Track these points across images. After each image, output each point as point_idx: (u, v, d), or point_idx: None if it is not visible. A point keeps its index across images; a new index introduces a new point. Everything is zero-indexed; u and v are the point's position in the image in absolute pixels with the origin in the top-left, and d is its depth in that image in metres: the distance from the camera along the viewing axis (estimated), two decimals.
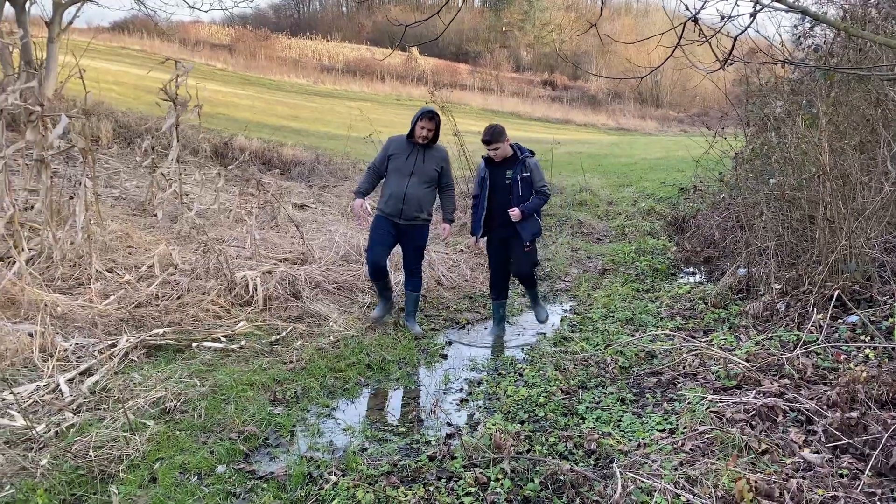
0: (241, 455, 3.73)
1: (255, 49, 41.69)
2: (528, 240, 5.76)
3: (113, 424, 3.87)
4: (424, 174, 5.65)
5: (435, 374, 5.10)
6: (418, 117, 5.59)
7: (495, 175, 5.75)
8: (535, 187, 5.73)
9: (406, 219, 5.66)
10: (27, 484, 3.29)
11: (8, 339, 4.60)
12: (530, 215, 5.72)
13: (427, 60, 45.15)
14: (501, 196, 5.72)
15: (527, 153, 5.77)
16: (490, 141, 5.65)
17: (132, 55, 31.56)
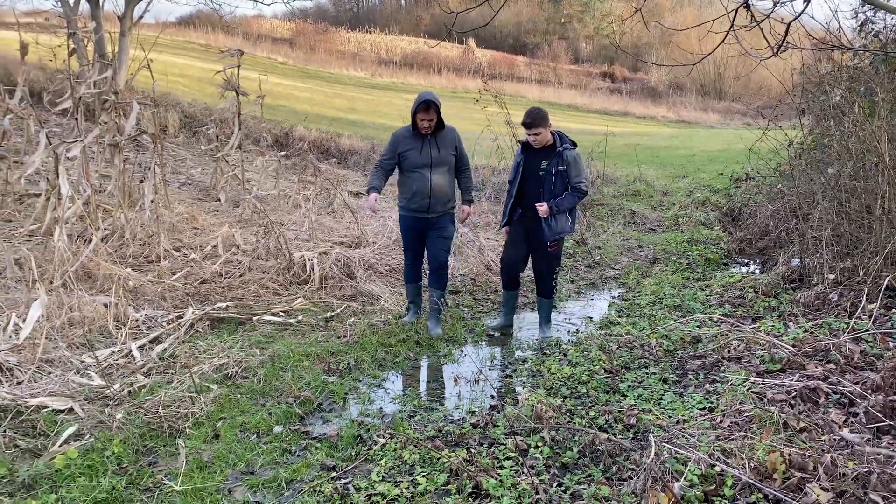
0: (297, 417, 3.98)
1: (315, 43, 42.40)
2: (552, 238, 5.29)
3: (180, 386, 4.17)
4: (443, 162, 5.33)
5: (481, 351, 5.27)
6: (415, 110, 5.16)
7: (530, 162, 5.32)
8: (571, 182, 5.22)
9: (434, 213, 5.38)
10: (105, 435, 3.61)
11: (86, 309, 4.97)
12: (560, 212, 5.25)
13: (484, 53, 45.13)
14: (533, 186, 5.30)
15: (567, 144, 5.27)
16: (531, 124, 5.17)
17: (197, 49, 32.57)
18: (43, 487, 3.17)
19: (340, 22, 51.44)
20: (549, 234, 5.27)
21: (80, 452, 3.40)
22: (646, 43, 44.16)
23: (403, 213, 5.46)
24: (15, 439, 3.54)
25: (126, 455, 3.46)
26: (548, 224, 5.25)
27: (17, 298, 5.09)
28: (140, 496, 3.18)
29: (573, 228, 5.44)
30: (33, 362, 4.23)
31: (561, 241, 5.42)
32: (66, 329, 4.77)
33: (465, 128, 16.78)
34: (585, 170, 5.34)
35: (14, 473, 3.26)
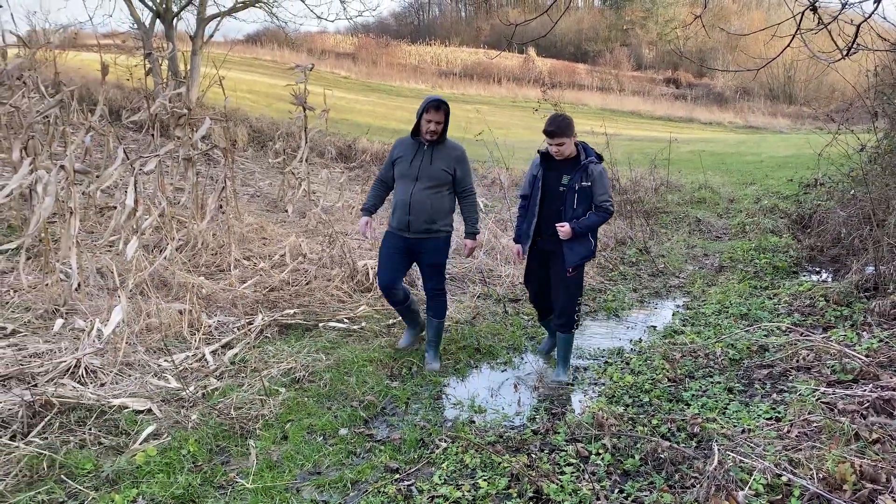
0: (362, 421, 4.09)
1: (377, 57, 43.17)
2: (572, 264, 4.65)
3: (250, 389, 4.34)
4: (432, 177, 4.68)
5: (541, 359, 5.28)
6: (423, 108, 4.61)
7: (550, 177, 4.68)
8: (596, 201, 4.58)
9: (415, 232, 4.74)
10: (181, 434, 3.79)
11: (162, 315, 5.22)
12: (583, 235, 4.62)
13: (545, 62, 45.05)
14: (552, 204, 4.67)
15: (593, 157, 4.64)
16: (554, 132, 4.54)
17: (264, 65, 33.61)
18: (125, 482, 3.35)
19: (402, 35, 52.22)
20: (571, 258, 4.63)
21: (158, 450, 3.58)
22: (711, 48, 43.21)
23: (387, 230, 4.93)
24: (99, 437, 3.75)
25: (201, 454, 3.63)
26: (569, 248, 4.61)
27: (99, 305, 5.38)
28: (214, 493, 3.33)
29: (594, 253, 4.85)
30: (115, 365, 4.48)
31: (582, 266, 4.79)
32: (144, 334, 5.02)
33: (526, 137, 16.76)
34: (610, 187, 4.72)
35: (99, 469, 3.46)
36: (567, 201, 4.59)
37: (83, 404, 3.95)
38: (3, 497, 3.23)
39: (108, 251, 6.72)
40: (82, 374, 4.34)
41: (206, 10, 15.52)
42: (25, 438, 3.64)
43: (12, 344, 4.80)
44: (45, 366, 4.39)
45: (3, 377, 4.22)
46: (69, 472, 3.42)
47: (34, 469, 3.42)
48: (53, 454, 3.49)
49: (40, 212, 5.35)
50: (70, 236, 5.40)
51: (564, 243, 4.61)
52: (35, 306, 5.37)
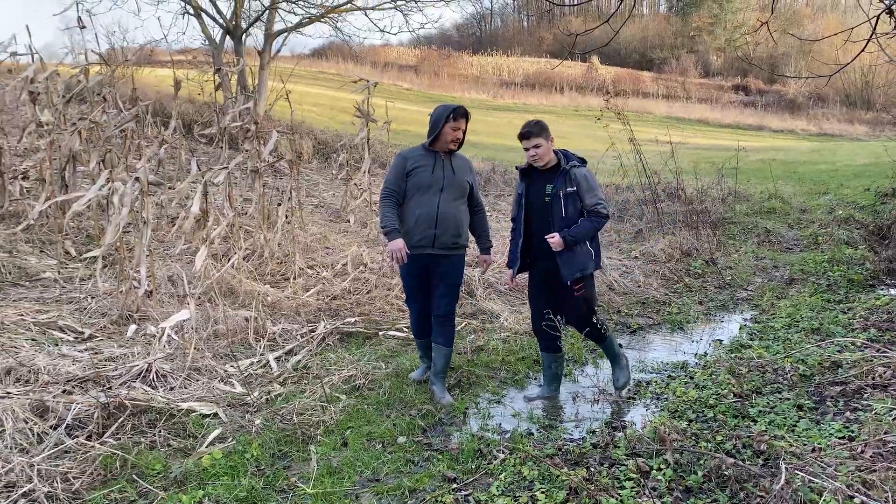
0: (420, 429, 4.11)
1: (439, 68, 43.55)
2: (571, 278, 4.30)
3: (312, 396, 4.43)
4: (457, 188, 4.46)
5: (602, 372, 5.20)
6: (449, 116, 4.39)
7: (533, 190, 4.42)
8: (586, 206, 4.31)
9: (441, 247, 4.41)
10: (245, 438, 3.89)
11: (230, 322, 5.38)
12: (577, 243, 4.29)
13: (608, 70, 44.55)
14: (540, 218, 4.37)
15: (574, 161, 4.38)
16: (528, 133, 4.29)
17: (329, 78, 34.33)
18: (192, 484, 3.46)
19: (463, 47, 52.52)
20: (568, 271, 4.28)
21: (223, 454, 3.69)
22: (783, 53, 41.91)
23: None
24: (168, 439, 3.89)
25: (264, 458, 3.72)
26: (564, 260, 4.28)
27: (170, 312, 5.59)
28: (276, 497, 3.40)
29: (598, 264, 4.48)
30: (184, 370, 4.64)
31: (588, 280, 4.43)
32: (212, 340, 5.19)
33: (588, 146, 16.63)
34: (600, 190, 4.42)
35: (167, 470, 3.58)
36: (554, 210, 4.31)
37: (154, 407, 4.10)
38: (79, 494, 3.38)
39: (179, 260, 6.98)
40: (153, 377, 4.51)
41: (273, 27, 15.99)
42: (100, 438, 3.81)
43: (89, 348, 5.04)
44: (118, 369, 4.59)
45: (81, 380, 4.43)
46: (140, 471, 3.56)
47: (108, 468, 3.57)
48: (126, 454, 3.64)
49: (116, 222, 5.60)
50: (143, 245, 5.63)
51: (559, 256, 4.28)
52: (110, 312, 5.62)
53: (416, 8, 16.32)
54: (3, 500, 3.26)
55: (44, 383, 4.33)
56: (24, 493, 3.30)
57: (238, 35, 15.67)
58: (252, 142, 7.70)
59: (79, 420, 3.92)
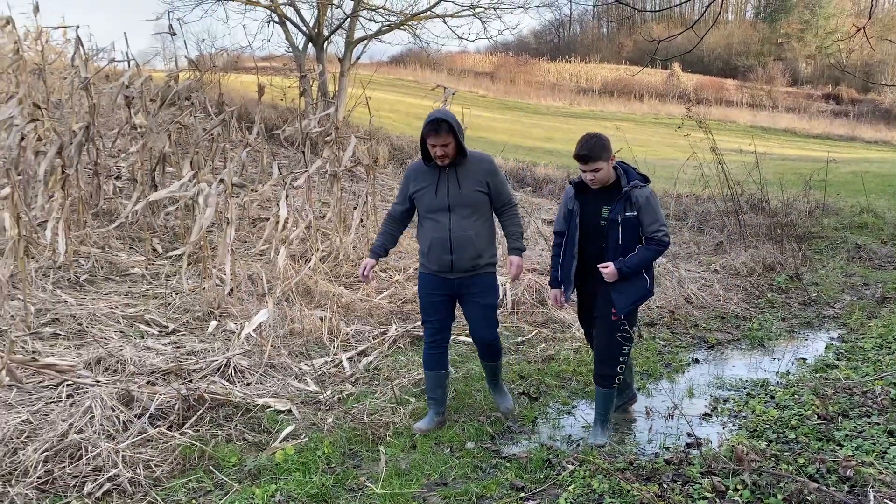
0: (488, 436, 4.10)
1: (515, 75, 43.43)
2: (627, 310, 3.92)
3: (382, 397, 4.49)
4: (467, 203, 3.97)
5: (677, 387, 5.05)
6: (424, 135, 3.93)
7: (587, 210, 3.96)
8: (645, 232, 3.88)
9: (461, 271, 4.02)
10: (316, 436, 3.98)
11: (306, 321, 5.51)
12: (633, 274, 3.90)
13: (690, 77, 43.41)
14: (593, 242, 3.96)
15: (636, 181, 3.91)
16: (586, 157, 3.81)
17: (406, 85, 34.77)
18: (265, 478, 3.56)
19: (541, 53, 52.27)
20: (622, 304, 3.90)
21: (296, 450, 3.77)
22: (879, 60, 39.86)
23: (423, 271, 4.20)
24: (244, 433, 4.01)
25: (334, 456, 3.78)
26: (618, 291, 3.89)
27: (249, 309, 5.77)
28: (345, 495, 3.46)
29: (651, 291, 4.06)
30: (260, 366, 4.78)
31: (634, 310, 4.06)
32: (287, 338, 5.33)
33: (668, 154, 16.23)
34: (662, 213, 3.97)
35: (242, 463, 3.70)
36: (610, 236, 3.88)
37: (231, 401, 4.24)
38: (160, 482, 3.53)
39: (259, 259, 7.20)
40: (231, 373, 4.66)
41: (354, 34, 16.33)
42: (181, 429, 3.96)
43: (172, 342, 5.26)
44: (199, 363, 4.76)
45: (164, 372, 4.63)
46: (216, 463, 3.68)
47: (187, 458, 3.71)
48: (203, 446, 3.78)
49: (201, 221, 5.82)
50: (226, 245, 5.84)
51: (611, 286, 3.89)
52: (193, 308, 5.86)
53: (495, 15, 16.36)
54: (91, 482, 3.43)
55: (130, 374, 4.54)
56: (109, 477, 3.46)
57: (320, 42, 16.09)
58: (331, 147, 7.87)
59: (161, 410, 4.10)
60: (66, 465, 3.53)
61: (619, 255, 3.85)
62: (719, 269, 8.03)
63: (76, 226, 7.03)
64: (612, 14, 57.98)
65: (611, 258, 3.87)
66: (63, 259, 6.18)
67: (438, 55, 43.44)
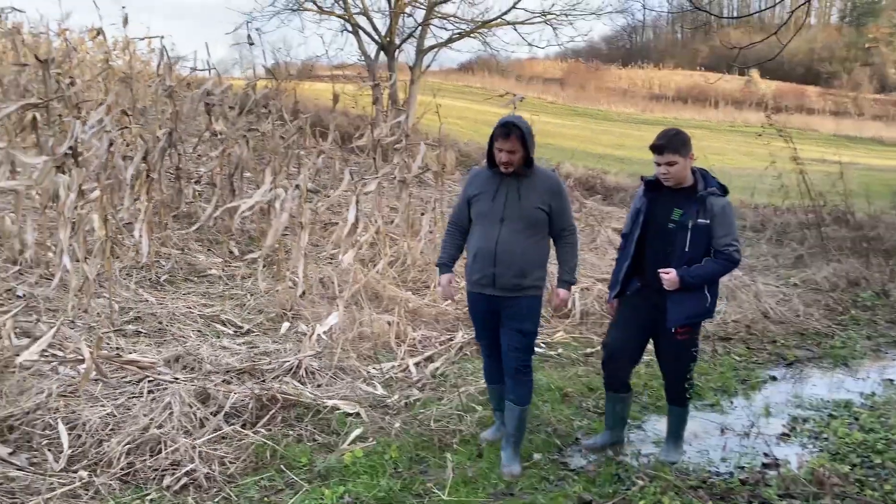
0: (555, 448, 4.06)
1: (585, 81, 42.93)
2: (678, 323, 3.66)
3: (449, 404, 4.50)
4: (523, 217, 3.68)
5: (753, 405, 4.88)
6: (492, 136, 3.72)
7: (657, 210, 3.73)
8: (716, 244, 3.60)
9: (502, 288, 3.71)
10: (384, 440, 4.02)
11: (374, 325, 5.58)
12: (696, 286, 3.62)
13: (769, 84, 41.99)
14: (657, 244, 3.70)
15: (714, 187, 3.67)
16: (663, 147, 3.58)
17: (474, 92, 34.81)
18: (334, 479, 3.61)
19: (612, 59, 51.50)
20: (676, 316, 3.64)
21: (364, 453, 3.82)
22: None
23: (468, 288, 3.94)
24: (314, 434, 4.09)
25: (401, 461, 3.81)
26: (675, 301, 3.62)
27: (320, 312, 5.88)
28: (412, 500, 3.48)
29: (712, 312, 3.79)
30: (330, 368, 4.86)
31: (696, 327, 3.82)
32: (356, 342, 5.40)
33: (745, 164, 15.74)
34: (736, 228, 3.72)
35: (312, 463, 3.77)
36: (677, 241, 3.61)
37: (302, 402, 4.33)
38: (233, 478, 3.63)
39: (329, 263, 7.33)
40: (302, 374, 4.76)
41: (424, 42, 16.49)
42: (254, 428, 4.07)
43: (247, 342, 5.41)
44: (272, 363, 4.88)
45: (238, 371, 4.76)
46: (287, 463, 3.76)
47: (259, 456, 3.81)
48: (275, 445, 3.87)
49: (277, 225, 5.98)
50: (300, 248, 5.98)
51: (669, 295, 3.62)
52: (267, 309, 6.01)
53: (567, 21, 16.22)
54: (170, 476, 3.57)
55: (206, 372, 4.69)
56: (187, 471, 3.59)
57: (391, 51, 16.29)
58: (401, 154, 7.96)
59: (235, 409, 4.21)
60: (147, 458, 3.67)
61: (682, 264, 3.59)
62: (799, 283, 7.72)
63: (158, 228, 7.33)
64: (688, 19, 56.72)
65: (674, 265, 3.60)
66: (146, 259, 6.45)
67: (507, 62, 43.43)
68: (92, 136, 6.64)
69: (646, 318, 3.80)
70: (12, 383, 4.18)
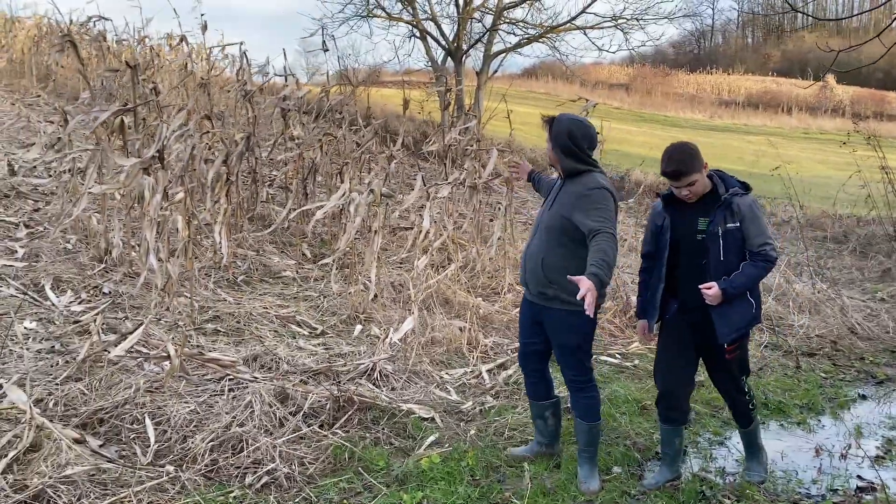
0: (635, 462, 3.96)
1: (652, 86, 42.17)
2: (730, 337, 3.44)
3: (524, 413, 4.44)
4: (550, 224, 3.54)
5: (843, 424, 4.65)
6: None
7: (681, 224, 3.50)
8: (750, 246, 3.40)
9: (533, 295, 3.64)
10: (460, 447, 3.99)
11: (446, 330, 5.57)
12: (738, 295, 3.41)
13: (845, 90, 40.39)
14: (690, 258, 3.48)
15: (736, 187, 3.47)
16: (679, 173, 3.37)
17: (537, 98, 34.63)
18: (411, 483, 3.61)
19: (680, 64, 50.49)
20: (726, 331, 3.41)
21: (441, 458, 3.80)
22: None
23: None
24: (390, 437, 4.10)
25: (478, 469, 3.78)
26: (721, 315, 3.39)
27: (391, 315, 5.91)
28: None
29: (758, 317, 3.58)
30: (405, 372, 4.88)
31: (743, 339, 3.62)
32: (429, 346, 5.40)
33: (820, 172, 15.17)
34: (767, 224, 3.51)
35: (389, 467, 3.77)
36: (711, 253, 3.39)
37: (378, 405, 4.35)
38: (313, 479, 3.67)
39: (399, 267, 7.38)
40: (377, 377, 4.79)
41: (492, 47, 16.48)
42: (331, 429, 4.10)
43: (321, 343, 5.48)
44: (346, 366, 4.93)
45: (314, 372, 4.82)
46: (365, 465, 3.78)
47: (337, 458, 3.83)
48: (353, 447, 3.89)
49: (351, 229, 6.05)
50: (373, 252, 6.03)
51: (713, 311, 3.40)
52: (339, 311, 6.08)
53: (638, 26, 15.95)
54: (251, 474, 3.63)
55: (283, 372, 4.77)
56: (268, 470, 3.64)
57: (458, 56, 16.35)
58: (472, 159, 7.95)
59: (313, 409, 4.26)
60: (230, 455, 3.74)
61: (721, 275, 3.36)
62: (887, 297, 7.36)
63: (234, 230, 7.51)
64: (759, 23, 55.12)
65: (712, 278, 3.37)
66: (225, 260, 6.61)
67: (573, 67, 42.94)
68: (174, 140, 6.85)
69: (690, 339, 3.60)
70: (101, 378, 4.34)
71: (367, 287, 6.27)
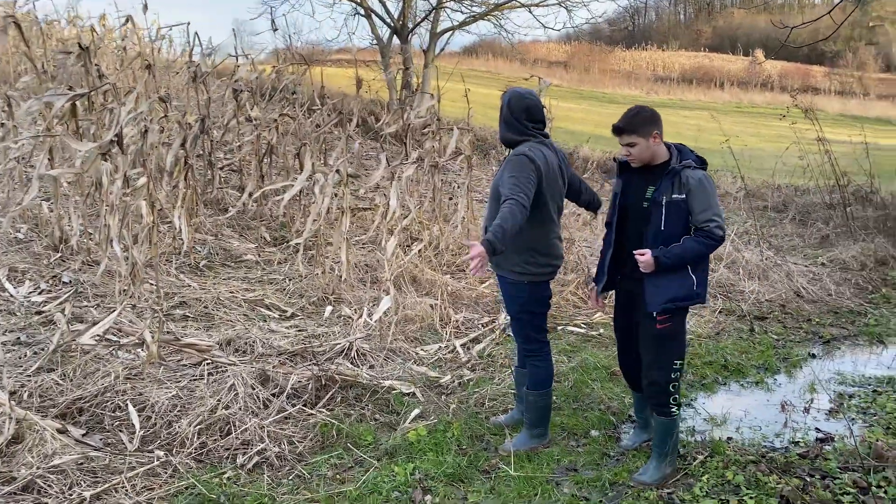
0: (611, 424, 4.15)
1: (589, 63, 42.72)
2: (655, 307, 3.33)
3: (502, 383, 4.59)
4: (491, 193, 3.71)
5: (796, 382, 4.97)
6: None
7: (631, 190, 3.48)
8: (695, 220, 3.30)
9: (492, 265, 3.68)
10: (444, 418, 4.10)
11: (418, 308, 5.66)
12: (675, 267, 3.29)
13: (773, 64, 41.82)
14: (635, 225, 3.44)
15: (690, 159, 3.39)
16: (621, 129, 3.37)
17: (479, 76, 34.68)
18: (401, 456, 3.71)
19: (615, 41, 51.21)
20: (657, 300, 3.32)
21: (427, 431, 3.91)
22: None
23: None
24: (375, 413, 4.18)
25: (463, 438, 3.90)
26: (653, 284, 3.32)
27: (361, 296, 5.95)
28: (479, 476, 3.57)
29: (701, 295, 3.41)
30: (382, 350, 4.95)
31: (677, 314, 3.43)
32: (402, 324, 5.48)
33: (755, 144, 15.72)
34: (718, 203, 3.39)
35: (377, 441, 3.86)
36: (652, 221, 3.33)
37: (359, 383, 4.41)
38: (303, 457, 3.73)
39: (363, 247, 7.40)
40: (354, 355, 4.85)
41: (438, 25, 16.43)
42: (315, 408, 4.16)
43: (293, 325, 5.49)
44: (323, 346, 4.97)
45: (291, 353, 4.85)
46: (353, 441, 3.86)
47: (325, 435, 3.90)
48: (340, 424, 3.96)
49: (317, 211, 6.04)
50: (342, 233, 6.04)
51: (646, 279, 3.32)
52: (307, 293, 6.08)
53: (582, 3, 16.15)
54: (242, 455, 3.66)
55: (260, 355, 4.78)
56: (258, 451, 3.68)
57: (405, 35, 16.25)
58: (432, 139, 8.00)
59: (295, 390, 4.30)
60: (218, 437, 3.77)
61: (659, 244, 3.29)
62: (826, 262, 7.79)
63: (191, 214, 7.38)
64: (691, 0, 56.38)
65: (650, 246, 3.31)
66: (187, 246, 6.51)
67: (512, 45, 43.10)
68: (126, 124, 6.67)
69: (627, 305, 3.59)
70: (76, 367, 4.27)
71: (335, 268, 6.29)
